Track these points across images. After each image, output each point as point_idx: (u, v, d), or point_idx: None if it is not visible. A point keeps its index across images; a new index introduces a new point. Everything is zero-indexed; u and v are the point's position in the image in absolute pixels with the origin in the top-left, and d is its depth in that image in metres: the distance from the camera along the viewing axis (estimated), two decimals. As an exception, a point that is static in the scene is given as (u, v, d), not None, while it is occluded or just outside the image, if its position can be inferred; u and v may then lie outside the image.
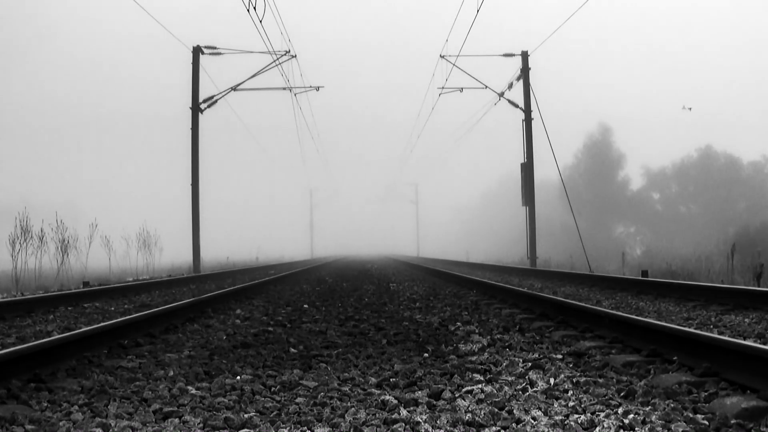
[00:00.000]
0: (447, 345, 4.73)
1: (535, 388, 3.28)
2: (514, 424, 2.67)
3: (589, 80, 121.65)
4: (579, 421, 2.65)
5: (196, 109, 20.70)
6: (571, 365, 3.91)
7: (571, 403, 2.93)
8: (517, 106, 21.18)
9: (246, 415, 2.83)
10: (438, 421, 2.72)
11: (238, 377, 3.65)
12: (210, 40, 26.51)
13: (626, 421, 2.61)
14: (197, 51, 20.81)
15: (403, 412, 2.84)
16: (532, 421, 2.69)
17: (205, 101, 20.72)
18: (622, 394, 3.11)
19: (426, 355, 4.34)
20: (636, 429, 2.56)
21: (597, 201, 42.81)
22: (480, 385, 3.35)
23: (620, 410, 2.80)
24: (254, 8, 12.23)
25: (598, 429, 2.58)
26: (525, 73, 20.88)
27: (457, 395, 3.19)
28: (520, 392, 3.21)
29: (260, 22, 13.04)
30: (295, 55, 19.72)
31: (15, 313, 7.27)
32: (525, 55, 20.92)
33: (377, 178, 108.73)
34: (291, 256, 50.23)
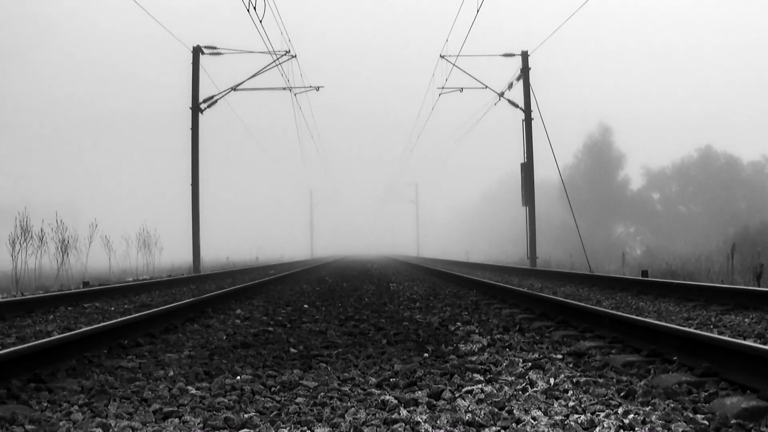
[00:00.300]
0: (447, 345, 4.73)
1: (535, 388, 3.28)
2: (514, 424, 2.67)
3: (589, 80, 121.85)
4: (579, 421, 2.65)
5: (196, 109, 20.70)
6: (571, 365, 3.91)
7: (571, 403, 2.93)
8: (517, 106, 21.18)
9: (246, 415, 2.83)
10: (438, 421, 2.72)
11: (238, 377, 3.65)
12: (210, 40, 26.57)
13: (626, 421, 2.61)
14: (197, 51, 20.81)
15: (403, 412, 2.84)
16: (532, 421, 2.69)
17: (205, 101, 20.73)
18: (622, 394, 3.11)
19: (426, 355, 4.34)
20: (636, 429, 2.56)
21: (597, 201, 42.80)
22: (480, 385, 3.35)
23: (620, 410, 2.80)
24: (254, 8, 12.24)
25: (598, 429, 2.58)
26: (525, 73, 20.88)
27: (457, 395, 3.19)
28: (520, 392, 3.21)
29: (260, 22, 13.05)
30: (295, 55, 19.74)
31: (15, 313, 7.27)
32: (525, 55, 20.92)
33: (377, 178, 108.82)
34: (291, 256, 50.24)
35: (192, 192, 20.66)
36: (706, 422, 2.62)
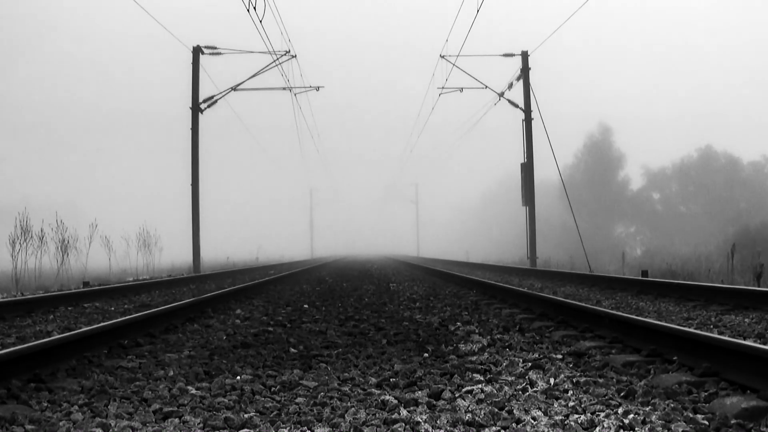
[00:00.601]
0: (447, 345, 4.73)
1: (535, 388, 3.28)
2: (514, 424, 2.67)
3: (589, 80, 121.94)
4: (579, 421, 2.65)
5: (196, 109, 20.70)
6: (571, 365, 3.91)
7: (571, 403, 2.93)
8: (517, 106, 21.18)
9: (246, 415, 2.83)
10: (438, 421, 2.72)
11: (238, 377, 3.65)
12: (210, 40, 26.54)
13: (626, 421, 2.61)
14: (197, 51, 20.80)
15: (403, 412, 2.84)
16: (532, 421, 2.69)
17: (205, 101, 20.73)
18: (622, 394, 3.11)
19: (426, 355, 4.34)
20: (636, 429, 2.56)
21: (597, 201, 42.82)
22: (480, 385, 3.35)
23: (620, 410, 2.80)
24: (254, 8, 12.24)
25: (598, 429, 2.58)
26: (525, 73, 20.88)
27: (457, 395, 3.19)
28: (520, 392, 3.21)
29: (260, 22, 13.05)
30: (295, 55, 19.74)
31: (15, 313, 7.27)
32: (525, 55, 20.92)
33: (377, 178, 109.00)
34: (291, 256, 50.24)
35: (192, 192, 20.66)
36: (706, 422, 2.62)
